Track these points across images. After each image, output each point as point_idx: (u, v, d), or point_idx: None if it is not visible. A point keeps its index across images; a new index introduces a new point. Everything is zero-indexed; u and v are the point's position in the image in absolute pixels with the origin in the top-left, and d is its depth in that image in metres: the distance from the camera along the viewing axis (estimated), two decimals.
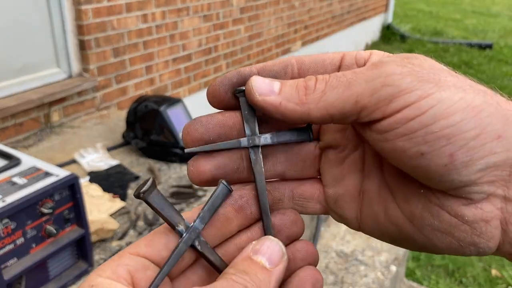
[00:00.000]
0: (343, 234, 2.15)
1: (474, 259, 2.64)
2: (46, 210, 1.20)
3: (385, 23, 8.27)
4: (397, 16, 9.46)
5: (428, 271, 2.56)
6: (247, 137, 0.34)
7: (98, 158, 2.17)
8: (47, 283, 1.31)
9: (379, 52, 0.34)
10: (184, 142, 0.35)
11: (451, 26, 9.51)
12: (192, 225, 0.32)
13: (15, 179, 1.23)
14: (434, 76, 0.28)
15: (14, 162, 1.31)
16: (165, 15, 3.25)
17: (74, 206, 1.31)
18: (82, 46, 2.72)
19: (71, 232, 1.32)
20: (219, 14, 3.78)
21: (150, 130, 2.20)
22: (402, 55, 0.31)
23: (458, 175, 0.27)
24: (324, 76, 0.31)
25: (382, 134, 0.29)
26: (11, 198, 1.14)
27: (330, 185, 0.36)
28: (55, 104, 2.60)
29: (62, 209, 1.27)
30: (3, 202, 1.12)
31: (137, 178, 2.05)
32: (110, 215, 1.69)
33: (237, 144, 0.34)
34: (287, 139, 0.34)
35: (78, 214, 1.32)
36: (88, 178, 1.98)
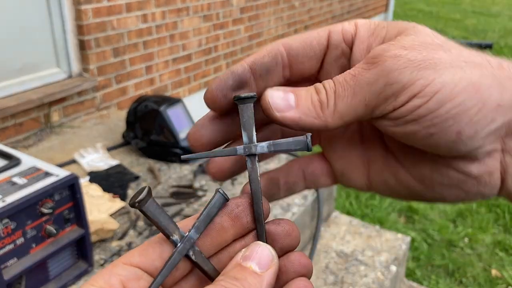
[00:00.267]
0: (343, 234, 2.15)
1: (474, 259, 2.64)
2: (46, 210, 1.20)
3: None
4: (397, 16, 9.46)
5: (428, 271, 2.55)
6: (244, 145, 0.34)
7: (98, 158, 2.17)
8: (47, 283, 1.31)
9: (363, 22, 0.34)
10: (192, 148, 0.35)
11: (451, 26, 9.51)
12: (187, 235, 0.31)
13: (15, 179, 1.23)
14: (429, 59, 0.29)
15: (14, 162, 1.31)
16: (165, 15, 3.25)
17: (74, 206, 1.31)
18: (82, 46, 2.72)
19: (71, 232, 1.32)
20: (219, 14, 3.78)
21: (150, 130, 2.20)
22: (391, 30, 0.32)
23: (464, 146, 0.30)
24: (330, 85, 0.32)
25: (392, 121, 0.31)
26: (11, 198, 1.14)
27: (334, 160, 0.38)
28: (55, 104, 2.60)
29: (62, 209, 1.27)
30: (3, 202, 1.12)
31: (137, 178, 2.05)
32: (110, 215, 1.69)
33: (233, 152, 0.34)
34: (284, 149, 0.34)
35: (78, 214, 1.32)
36: (88, 178, 1.98)
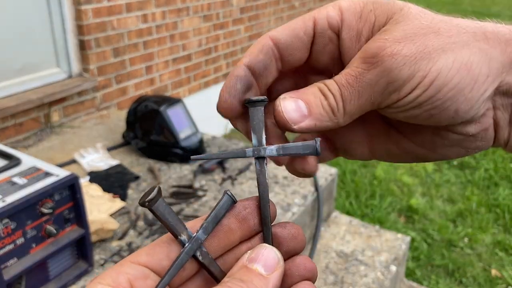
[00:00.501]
0: (343, 234, 2.15)
1: (474, 259, 2.64)
2: (46, 210, 1.20)
3: None
4: None
5: (428, 271, 2.56)
6: (253, 147, 0.34)
7: (98, 158, 2.17)
8: (47, 283, 1.31)
9: (348, 5, 0.35)
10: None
11: None
12: (195, 235, 0.32)
13: (15, 179, 1.23)
14: (423, 49, 0.31)
15: (14, 162, 1.31)
16: (165, 15, 3.25)
17: (74, 206, 1.31)
18: (82, 46, 2.72)
19: (71, 232, 1.32)
20: (219, 14, 3.78)
21: (150, 130, 2.20)
22: (379, 16, 0.33)
23: (462, 118, 0.33)
24: (335, 88, 0.33)
25: (395, 109, 0.33)
26: (11, 198, 1.14)
27: (336, 139, 0.39)
28: (55, 104, 2.60)
29: (62, 209, 1.27)
30: (3, 202, 1.12)
31: (137, 178, 2.05)
32: (110, 215, 1.69)
33: (242, 154, 0.34)
34: (293, 152, 0.34)
35: (78, 214, 1.32)
36: (88, 178, 1.98)
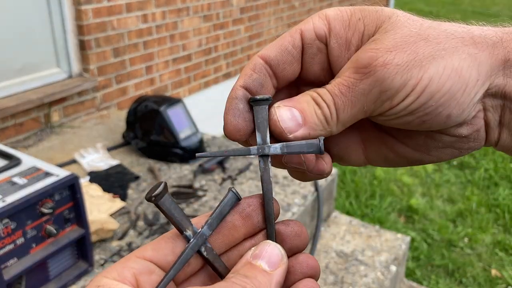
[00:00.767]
0: (343, 234, 2.15)
1: (474, 259, 2.64)
2: (46, 210, 1.20)
3: None
4: None
5: (428, 271, 2.56)
6: (258, 146, 0.35)
7: (98, 158, 2.17)
8: (47, 283, 1.31)
9: (335, 15, 0.35)
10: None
11: None
12: (200, 231, 0.32)
13: (15, 179, 1.23)
14: (413, 58, 0.31)
15: (14, 162, 1.31)
16: (165, 15, 3.25)
17: (74, 206, 1.31)
18: (82, 46, 2.72)
19: (71, 232, 1.32)
20: (219, 14, 3.78)
21: (150, 130, 2.20)
22: (368, 25, 0.33)
23: (454, 122, 0.33)
24: (328, 98, 0.34)
25: (388, 117, 0.34)
26: (11, 198, 1.14)
27: (330, 147, 0.39)
28: (55, 104, 2.60)
29: (62, 209, 1.27)
30: (3, 202, 1.12)
31: (137, 178, 2.05)
32: (110, 215, 1.69)
33: (247, 152, 0.35)
34: (297, 151, 0.34)
35: (78, 214, 1.32)
36: (88, 178, 1.98)
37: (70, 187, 1.28)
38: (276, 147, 0.34)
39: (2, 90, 2.40)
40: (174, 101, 2.24)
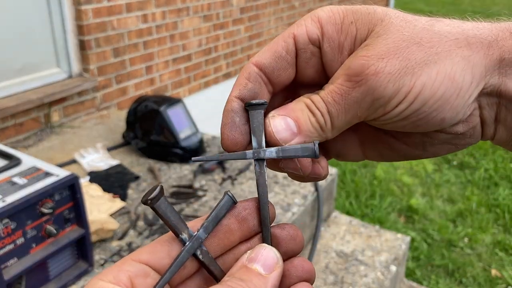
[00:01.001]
0: (343, 234, 2.15)
1: (474, 259, 2.64)
2: (46, 210, 1.20)
3: None
4: None
5: (428, 271, 2.56)
6: (253, 149, 0.35)
7: (98, 158, 2.17)
8: (47, 283, 1.31)
9: (327, 18, 0.34)
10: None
11: None
12: (195, 234, 0.32)
13: (15, 179, 1.23)
14: (406, 65, 0.31)
15: (14, 162, 1.31)
16: (165, 15, 3.25)
17: (74, 206, 1.31)
18: (82, 46, 2.72)
19: (71, 232, 1.32)
20: (219, 14, 3.78)
21: (150, 130, 2.20)
22: (360, 29, 0.33)
23: (449, 124, 0.34)
24: (322, 105, 0.34)
25: (382, 122, 0.34)
26: (11, 198, 1.14)
27: (328, 145, 0.39)
28: (55, 104, 2.60)
29: (62, 209, 1.27)
30: (3, 202, 1.12)
31: (137, 178, 2.05)
32: (110, 215, 1.69)
33: (242, 156, 0.35)
34: (292, 155, 0.34)
35: (78, 214, 1.32)
36: (88, 178, 1.98)
37: (70, 187, 1.28)
38: (271, 151, 0.34)
39: (2, 90, 2.40)
40: (174, 101, 2.24)
